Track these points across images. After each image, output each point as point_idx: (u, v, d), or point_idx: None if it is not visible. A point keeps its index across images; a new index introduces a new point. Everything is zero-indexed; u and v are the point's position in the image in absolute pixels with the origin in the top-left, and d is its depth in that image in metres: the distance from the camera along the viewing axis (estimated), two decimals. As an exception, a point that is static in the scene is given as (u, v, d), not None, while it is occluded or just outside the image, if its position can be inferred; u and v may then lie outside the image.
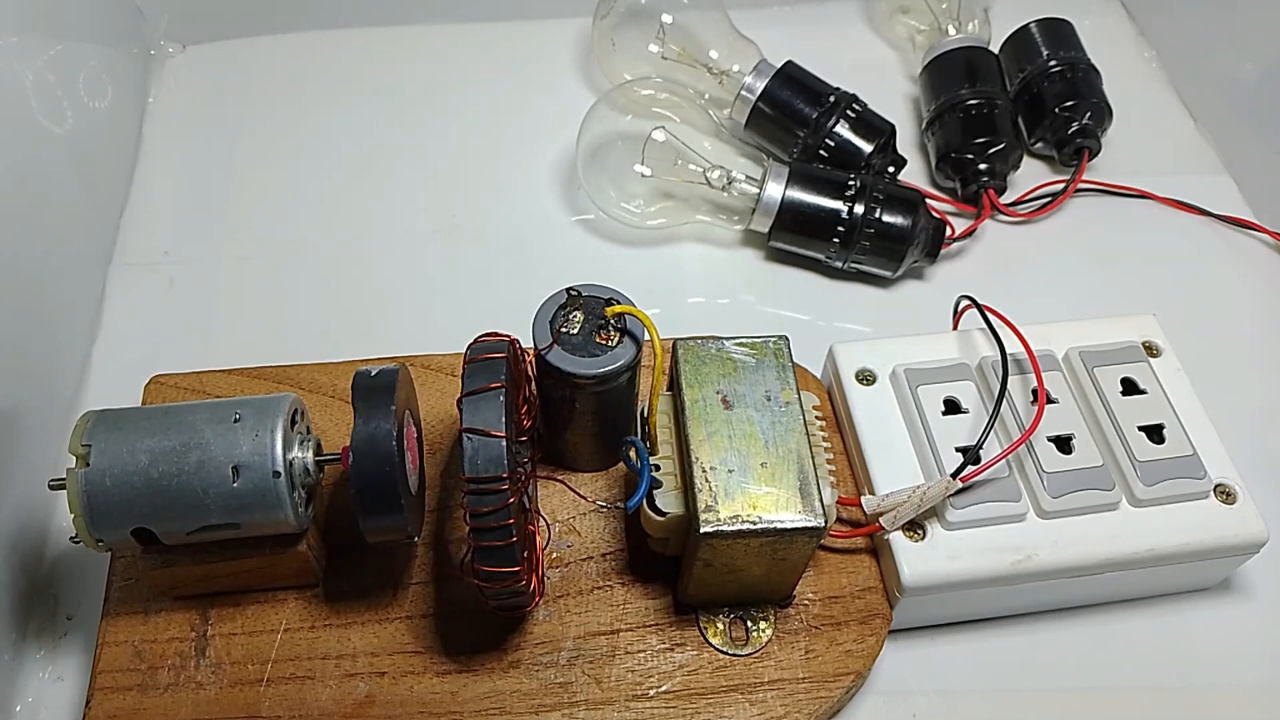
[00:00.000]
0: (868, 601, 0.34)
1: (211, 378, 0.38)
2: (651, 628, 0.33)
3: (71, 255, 0.44)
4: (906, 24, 0.56)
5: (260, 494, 0.29)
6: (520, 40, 0.57)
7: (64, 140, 0.44)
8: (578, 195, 0.50)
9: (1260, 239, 0.49)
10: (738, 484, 0.29)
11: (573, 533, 0.35)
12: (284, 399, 0.30)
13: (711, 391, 0.31)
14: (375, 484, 0.28)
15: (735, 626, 0.33)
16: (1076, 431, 0.36)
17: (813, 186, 0.45)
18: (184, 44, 0.56)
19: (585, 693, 0.32)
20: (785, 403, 0.31)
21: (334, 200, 0.49)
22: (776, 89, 0.48)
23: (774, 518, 0.29)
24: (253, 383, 0.38)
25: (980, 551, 0.34)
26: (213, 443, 0.29)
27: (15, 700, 0.34)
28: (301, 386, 0.38)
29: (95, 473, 0.28)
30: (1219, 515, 0.35)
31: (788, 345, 0.32)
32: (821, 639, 0.33)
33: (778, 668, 0.33)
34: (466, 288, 0.46)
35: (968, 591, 0.34)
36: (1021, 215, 0.49)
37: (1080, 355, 0.38)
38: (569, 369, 0.31)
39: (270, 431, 0.29)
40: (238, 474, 0.29)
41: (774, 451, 0.30)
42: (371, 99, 0.54)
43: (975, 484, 0.34)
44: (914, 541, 0.34)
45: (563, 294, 0.32)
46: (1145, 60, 0.58)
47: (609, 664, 0.32)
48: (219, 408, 0.30)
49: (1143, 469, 0.35)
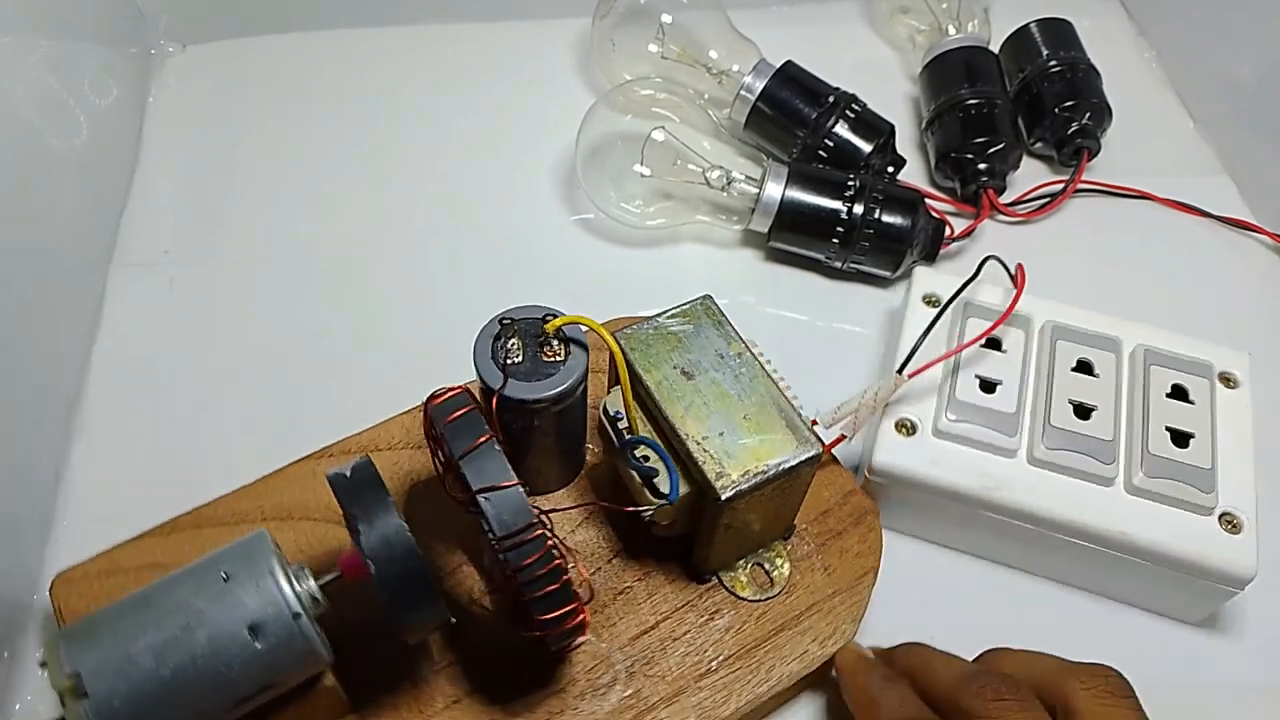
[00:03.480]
0: (853, 505, 0.36)
1: (122, 553, 0.33)
2: (685, 607, 0.34)
3: (71, 255, 0.44)
4: (906, 24, 0.56)
5: (288, 644, 0.26)
6: (520, 40, 0.57)
7: (64, 140, 0.44)
8: (577, 195, 0.50)
9: (1259, 240, 0.49)
10: (733, 443, 0.30)
11: (570, 552, 0.34)
12: (259, 536, 0.28)
13: (669, 369, 0.32)
14: (408, 584, 0.26)
15: (756, 574, 0.34)
16: (1100, 405, 0.37)
17: (812, 186, 0.45)
18: (184, 44, 0.56)
19: (656, 692, 0.32)
20: (737, 355, 0.32)
21: (334, 200, 0.50)
22: (776, 89, 0.48)
23: (778, 460, 0.30)
24: (169, 541, 0.34)
25: (958, 467, 0.36)
26: (214, 613, 0.26)
27: (14, 699, 0.34)
28: (226, 523, 0.34)
29: (100, 701, 0.24)
30: (1213, 536, 0.35)
31: (713, 302, 0.34)
32: (831, 553, 0.35)
33: (808, 594, 0.34)
34: (466, 287, 0.46)
35: (934, 499, 0.36)
36: (1021, 215, 0.49)
37: (1145, 351, 0.38)
38: (532, 396, 0.30)
39: (270, 575, 0.26)
40: (257, 633, 0.26)
41: (749, 402, 0.31)
42: (371, 99, 0.54)
43: (979, 409, 0.37)
44: (901, 435, 0.37)
45: (494, 324, 0.31)
46: (1145, 60, 0.58)
47: (663, 657, 0.33)
48: (198, 573, 0.27)
49: (1150, 460, 0.35)
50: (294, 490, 0.35)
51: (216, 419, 0.42)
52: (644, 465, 0.30)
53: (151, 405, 0.42)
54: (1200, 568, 0.34)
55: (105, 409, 0.42)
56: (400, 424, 0.37)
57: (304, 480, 0.35)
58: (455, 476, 0.28)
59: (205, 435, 0.41)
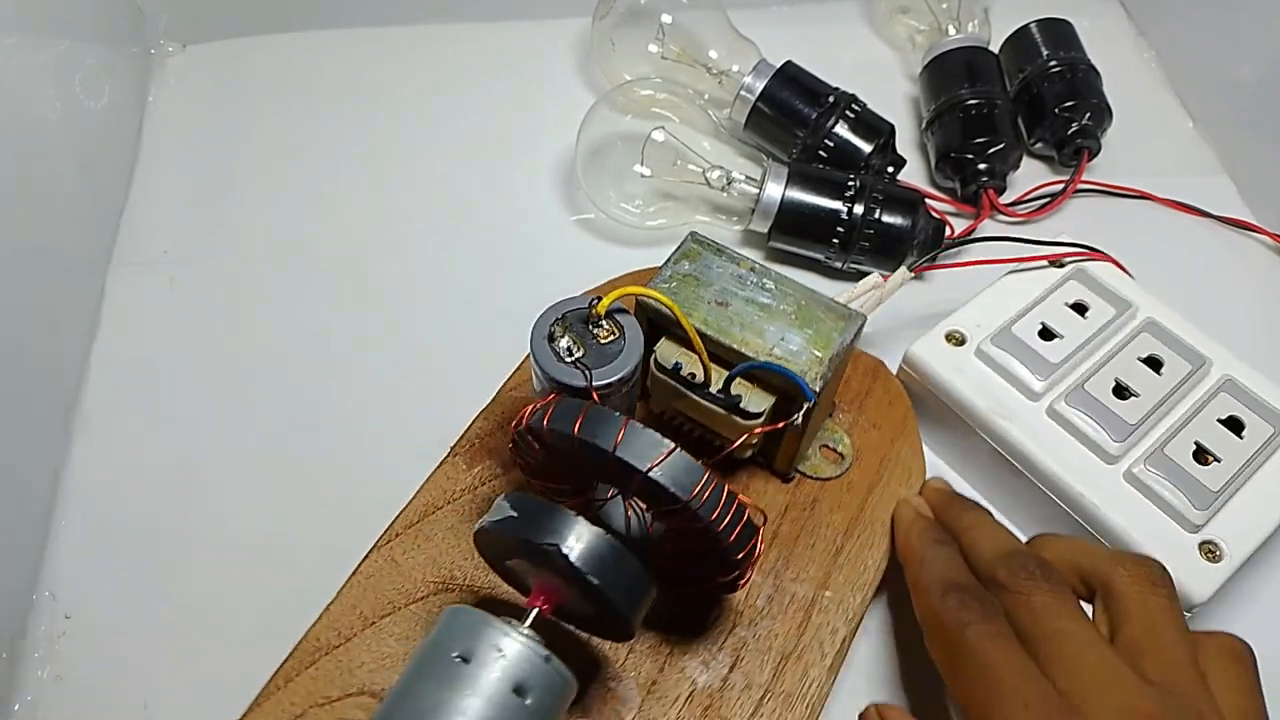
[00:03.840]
0: (863, 365, 0.40)
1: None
2: (788, 509, 0.36)
3: (71, 255, 0.44)
4: (906, 24, 0.56)
5: (549, 689, 0.26)
6: (520, 40, 0.57)
7: (64, 140, 0.44)
8: (577, 195, 0.50)
9: (1259, 240, 0.49)
10: (796, 343, 0.32)
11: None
12: (458, 611, 0.27)
13: (706, 305, 0.33)
14: (631, 580, 0.27)
15: (828, 455, 0.37)
16: (1143, 395, 0.37)
17: (812, 187, 0.45)
18: (184, 44, 0.56)
19: (807, 589, 0.34)
20: (750, 270, 0.34)
21: (334, 200, 0.49)
22: (776, 89, 0.48)
23: (839, 339, 0.32)
24: (294, 689, 0.32)
25: (979, 386, 0.38)
26: (477, 695, 0.25)
27: (14, 699, 0.34)
28: (337, 644, 0.32)
29: None
30: (1185, 552, 0.34)
31: (700, 234, 0.35)
32: (870, 411, 0.39)
33: (874, 452, 0.38)
34: (466, 287, 0.46)
35: (946, 411, 0.39)
36: (1021, 215, 0.49)
37: (1224, 382, 0.38)
38: (618, 376, 0.30)
39: (505, 635, 0.26)
40: (523, 693, 0.26)
41: (786, 305, 0.33)
42: (372, 99, 0.54)
43: (1025, 347, 0.38)
44: (947, 343, 0.39)
45: (543, 328, 0.31)
46: (1145, 61, 0.58)
47: (795, 558, 0.35)
48: (430, 673, 0.26)
49: (1156, 456, 0.35)
50: (382, 584, 0.34)
51: (216, 419, 0.42)
52: (725, 399, 0.32)
53: (151, 405, 0.42)
54: None
55: (105, 409, 0.42)
56: (441, 479, 0.36)
57: (385, 571, 0.34)
58: (599, 468, 0.28)
59: (205, 435, 0.41)
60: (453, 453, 0.37)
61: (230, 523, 0.39)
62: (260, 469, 0.40)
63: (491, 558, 0.30)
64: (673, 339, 0.33)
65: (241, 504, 0.39)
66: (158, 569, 0.37)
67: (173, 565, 0.37)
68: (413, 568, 0.34)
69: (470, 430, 0.37)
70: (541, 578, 0.28)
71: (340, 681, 0.31)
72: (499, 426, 0.37)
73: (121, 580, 0.37)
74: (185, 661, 0.36)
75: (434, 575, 0.34)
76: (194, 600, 0.37)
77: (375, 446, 0.41)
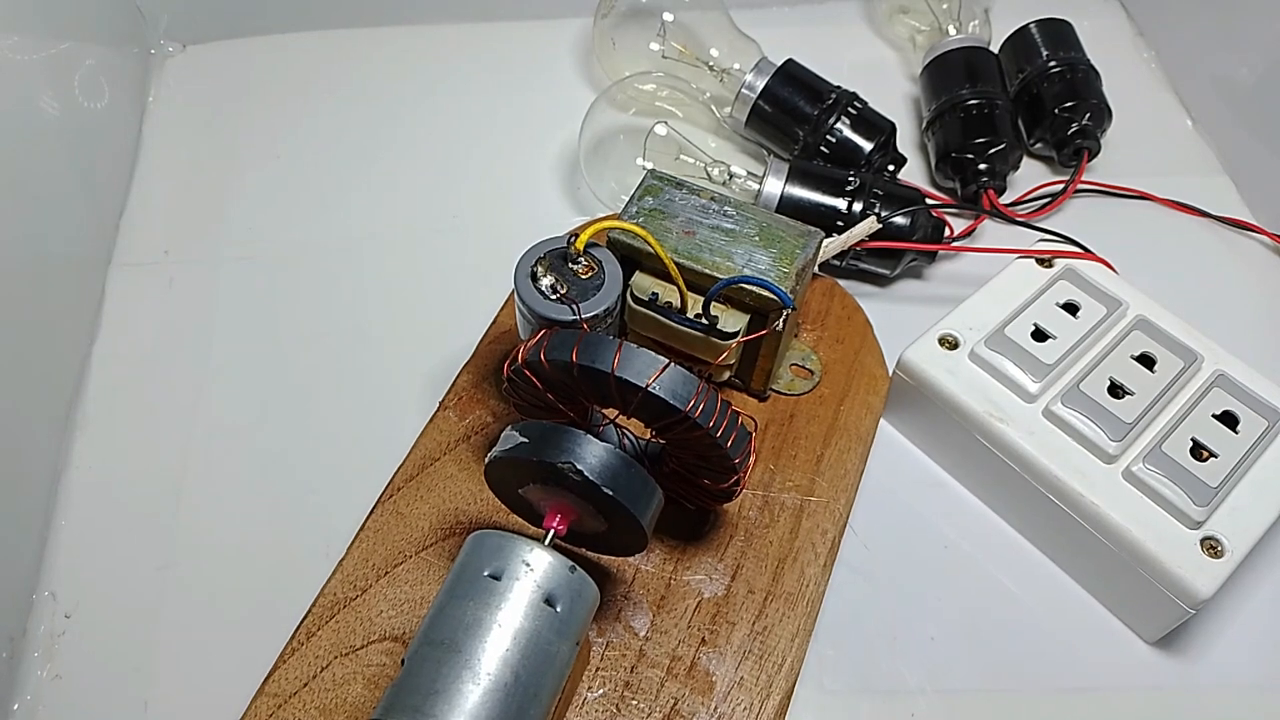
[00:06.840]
0: (817, 286, 0.42)
1: (273, 684, 0.31)
2: (774, 424, 0.38)
3: (71, 255, 0.44)
4: (906, 24, 0.56)
5: (578, 597, 0.28)
6: (520, 40, 0.57)
7: (64, 140, 0.44)
8: (579, 194, 0.50)
9: (1258, 240, 0.49)
10: (764, 263, 0.34)
11: None
12: (482, 535, 0.28)
13: (674, 235, 0.35)
14: (640, 488, 0.28)
15: (799, 373, 0.40)
16: (1138, 393, 0.37)
17: (812, 183, 0.45)
18: (184, 44, 0.56)
19: (798, 496, 0.36)
20: (711, 199, 0.36)
21: (334, 200, 0.49)
22: (777, 87, 0.48)
23: (802, 254, 0.34)
24: (315, 643, 0.32)
25: (974, 389, 0.38)
26: (510, 606, 0.26)
27: (13, 699, 0.34)
28: (353, 597, 0.33)
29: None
30: (1187, 548, 0.34)
31: (659, 170, 0.37)
32: (831, 325, 0.41)
33: (841, 364, 0.40)
34: (466, 287, 0.46)
35: (943, 414, 0.38)
36: (1021, 216, 0.49)
37: (1216, 377, 0.38)
38: (603, 307, 0.32)
39: (532, 549, 0.27)
40: (553, 601, 0.27)
41: (750, 228, 0.35)
42: (372, 99, 0.54)
43: (1019, 349, 0.38)
44: (940, 347, 0.39)
45: (525, 269, 0.32)
46: (1144, 61, 0.58)
47: (786, 466, 0.37)
48: (464, 593, 0.27)
49: (1154, 454, 0.35)
50: (391, 535, 0.35)
51: (216, 419, 0.41)
52: (700, 322, 0.33)
53: (151, 405, 0.42)
54: (1158, 568, 0.34)
55: (105, 408, 0.41)
56: (434, 432, 0.37)
57: (392, 523, 0.35)
58: (599, 391, 0.29)
59: (205, 435, 0.41)
60: (443, 406, 0.38)
61: (230, 522, 0.39)
62: (260, 469, 0.40)
63: (503, 490, 0.31)
64: (646, 271, 0.35)
65: (241, 504, 0.39)
66: (157, 569, 0.37)
67: (172, 565, 0.37)
68: (418, 517, 0.35)
69: (457, 383, 0.38)
70: (554, 501, 0.29)
71: (362, 631, 0.32)
72: (484, 378, 0.39)
73: (121, 580, 0.37)
74: (185, 661, 0.35)
75: (439, 522, 0.35)
76: (193, 600, 0.37)
77: (375, 447, 0.41)
